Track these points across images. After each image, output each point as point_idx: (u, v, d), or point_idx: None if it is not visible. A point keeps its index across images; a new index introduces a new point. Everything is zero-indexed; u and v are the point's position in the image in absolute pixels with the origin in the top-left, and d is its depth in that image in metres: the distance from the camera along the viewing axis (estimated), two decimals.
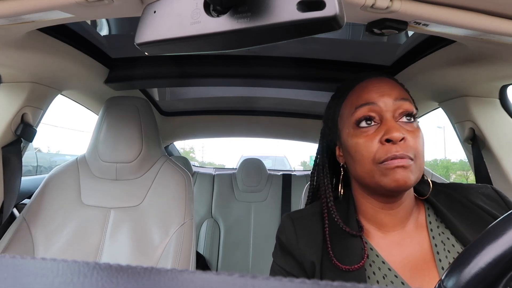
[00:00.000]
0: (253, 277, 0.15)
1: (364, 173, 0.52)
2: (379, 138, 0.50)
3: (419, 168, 0.50)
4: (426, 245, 0.53)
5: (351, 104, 0.55)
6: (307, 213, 0.61)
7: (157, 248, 0.89)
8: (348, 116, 0.55)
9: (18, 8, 0.47)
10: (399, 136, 0.48)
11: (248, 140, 53.61)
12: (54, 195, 0.96)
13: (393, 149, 0.48)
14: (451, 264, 0.29)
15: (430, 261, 0.51)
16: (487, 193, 0.57)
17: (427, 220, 0.55)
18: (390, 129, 0.49)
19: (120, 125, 0.98)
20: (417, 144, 0.50)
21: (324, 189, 0.60)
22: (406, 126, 0.51)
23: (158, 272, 0.16)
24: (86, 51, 0.89)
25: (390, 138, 0.48)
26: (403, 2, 0.45)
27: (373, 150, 0.50)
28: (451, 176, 11.23)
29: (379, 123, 0.52)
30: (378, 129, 0.51)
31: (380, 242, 0.54)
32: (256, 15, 0.30)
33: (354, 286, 0.14)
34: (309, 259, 0.54)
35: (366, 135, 0.52)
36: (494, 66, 0.68)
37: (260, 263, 1.80)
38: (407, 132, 0.50)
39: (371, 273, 0.51)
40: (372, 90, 0.53)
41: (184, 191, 0.98)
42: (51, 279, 0.15)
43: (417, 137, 0.51)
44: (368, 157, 0.50)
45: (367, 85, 0.55)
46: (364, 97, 0.53)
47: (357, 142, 0.52)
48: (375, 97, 0.52)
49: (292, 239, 0.57)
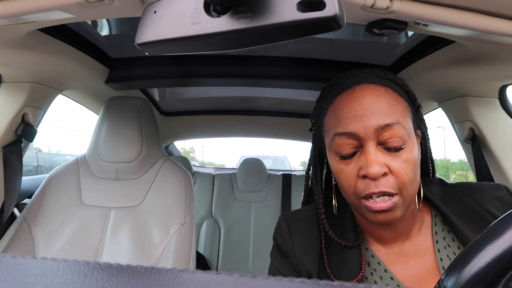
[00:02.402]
0: (253, 277, 0.15)
1: (349, 202, 0.49)
2: (357, 171, 0.45)
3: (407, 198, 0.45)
4: (430, 256, 0.49)
5: (330, 127, 0.49)
6: (304, 216, 0.58)
7: (157, 248, 0.89)
8: (328, 138, 0.50)
9: (19, 8, 0.47)
10: (378, 173, 0.43)
11: (248, 140, 53.67)
12: (54, 195, 0.96)
13: (372, 185, 0.43)
14: (450, 263, 0.29)
15: (435, 274, 0.47)
16: (500, 196, 0.51)
17: (433, 230, 0.51)
18: (368, 164, 0.43)
19: (120, 125, 0.98)
20: (402, 174, 0.44)
21: (317, 199, 0.55)
22: (391, 153, 0.45)
23: (158, 271, 0.16)
24: (86, 51, 0.89)
25: (366, 175, 0.43)
26: (403, 2, 0.45)
27: (352, 184, 0.46)
28: (451, 176, 11.23)
29: (361, 150, 0.46)
30: (358, 159, 0.46)
31: (381, 251, 0.52)
32: (256, 15, 0.30)
33: (354, 286, 0.14)
34: (305, 269, 0.52)
35: (347, 165, 0.47)
36: (494, 66, 0.68)
37: (260, 263, 1.80)
38: (392, 160, 0.44)
39: (373, 282, 0.49)
40: (350, 113, 0.46)
41: (184, 191, 0.99)
42: (51, 279, 0.15)
43: (405, 162, 0.44)
44: (349, 190, 0.47)
45: (346, 102, 0.47)
46: (342, 123, 0.47)
47: (337, 170, 0.48)
48: (353, 122, 0.45)
49: (288, 244, 0.55)
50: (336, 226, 0.53)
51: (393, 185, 0.43)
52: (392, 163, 0.44)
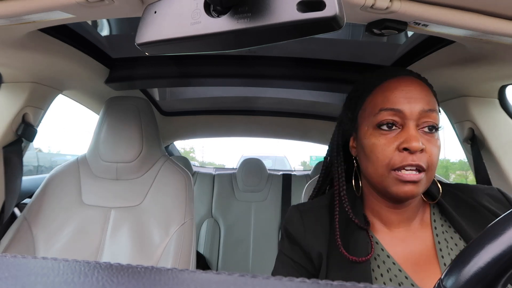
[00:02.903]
0: (253, 277, 0.15)
1: (375, 175, 0.52)
2: (397, 144, 0.50)
3: (429, 179, 0.51)
4: (429, 242, 0.54)
5: (376, 104, 0.53)
6: (315, 206, 0.61)
7: (158, 248, 0.90)
8: (370, 114, 0.54)
9: (19, 9, 0.47)
10: (419, 147, 0.48)
11: (248, 140, 53.65)
12: (55, 195, 0.96)
13: (409, 158, 0.48)
14: (450, 263, 0.29)
15: (433, 258, 0.52)
16: (493, 195, 0.57)
17: (432, 219, 0.56)
18: (410, 139, 0.48)
19: (120, 125, 0.98)
20: (433, 156, 0.49)
21: (338, 178, 0.60)
22: (427, 136, 0.51)
23: (159, 271, 0.16)
24: (86, 51, 0.89)
25: (409, 147, 0.48)
26: (403, 2, 0.45)
27: (389, 155, 0.50)
28: (451, 176, 11.22)
29: (401, 128, 0.51)
30: (398, 135, 0.50)
31: (385, 237, 0.56)
32: (256, 15, 0.30)
33: (354, 286, 0.14)
34: (316, 250, 0.55)
35: (385, 138, 0.51)
36: (494, 66, 0.68)
37: (260, 262, 1.80)
38: (426, 143, 0.49)
39: (376, 266, 0.52)
40: (400, 94, 0.51)
41: (184, 191, 0.99)
42: (52, 278, 0.15)
43: (436, 148, 0.50)
44: (383, 161, 0.50)
45: (396, 85, 0.53)
46: (391, 100, 0.51)
47: (374, 143, 0.52)
48: (402, 102, 0.51)
49: (300, 230, 0.58)
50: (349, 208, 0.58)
51: (425, 162, 0.49)
52: (427, 144, 0.50)
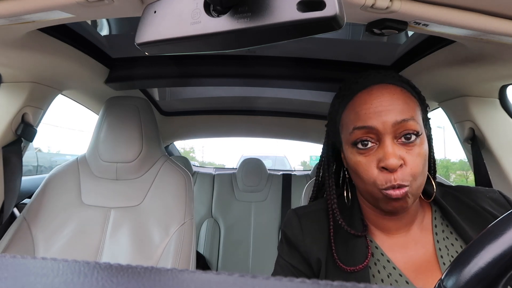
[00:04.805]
0: (253, 277, 0.15)
1: (365, 192, 0.52)
2: (376, 163, 0.49)
3: (418, 186, 0.49)
4: (430, 247, 0.53)
5: (349, 122, 0.53)
6: (313, 209, 0.61)
7: (157, 248, 0.89)
8: (346, 132, 0.53)
9: (19, 8, 0.47)
10: (395, 165, 0.47)
11: (248, 140, 53.67)
12: (54, 195, 0.96)
13: (391, 178, 0.47)
14: (451, 263, 0.29)
15: (434, 263, 0.51)
16: (495, 198, 0.56)
17: (433, 224, 0.55)
18: (386, 156, 0.47)
19: (120, 125, 0.98)
20: (415, 167, 0.48)
21: (329, 190, 0.59)
22: (406, 147, 0.49)
23: (159, 271, 0.16)
24: (86, 51, 0.89)
25: (385, 166, 0.47)
26: (403, 2, 0.45)
27: (372, 176, 0.49)
28: (451, 176, 11.22)
29: (378, 144, 0.50)
30: (376, 152, 0.49)
31: (385, 242, 0.55)
32: (256, 15, 0.30)
33: (354, 286, 0.14)
34: (315, 256, 0.55)
35: (364, 157, 0.50)
36: (494, 66, 0.68)
37: (260, 262, 1.80)
38: (406, 155, 0.48)
39: (376, 271, 0.52)
40: (370, 108, 0.50)
41: (184, 191, 0.99)
42: (51, 279, 0.15)
43: (417, 158, 0.48)
44: (369, 181, 0.50)
45: (365, 99, 0.51)
46: (361, 118, 0.50)
47: (355, 162, 0.51)
48: (373, 118, 0.49)
49: (298, 235, 0.58)
50: (345, 217, 0.57)
51: (408, 175, 0.48)
52: (406, 156, 0.48)
